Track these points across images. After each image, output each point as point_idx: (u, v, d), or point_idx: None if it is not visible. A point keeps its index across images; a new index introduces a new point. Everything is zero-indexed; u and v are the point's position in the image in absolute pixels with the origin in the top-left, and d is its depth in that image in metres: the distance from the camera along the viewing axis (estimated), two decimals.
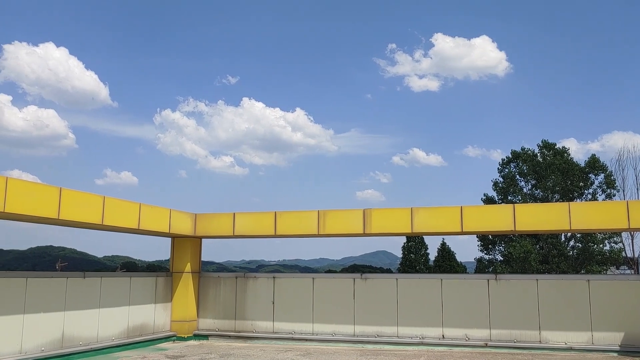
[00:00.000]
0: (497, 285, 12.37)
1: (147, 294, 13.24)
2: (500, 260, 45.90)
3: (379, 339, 12.76)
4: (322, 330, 13.22)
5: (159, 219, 12.46)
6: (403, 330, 12.71)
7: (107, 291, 11.99)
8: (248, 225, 13.40)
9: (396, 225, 12.44)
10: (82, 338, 11.21)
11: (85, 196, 10.38)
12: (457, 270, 48.74)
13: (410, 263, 51.14)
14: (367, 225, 12.48)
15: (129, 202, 11.56)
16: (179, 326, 13.92)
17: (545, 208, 12.16)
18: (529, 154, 47.38)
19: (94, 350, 11.36)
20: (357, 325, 13.02)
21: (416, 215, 12.23)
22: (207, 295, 14.36)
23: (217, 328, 14.05)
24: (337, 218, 12.78)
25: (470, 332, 12.29)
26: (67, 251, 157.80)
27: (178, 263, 14.19)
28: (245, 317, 13.88)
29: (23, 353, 9.85)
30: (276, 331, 13.55)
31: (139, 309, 12.89)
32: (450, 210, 12.08)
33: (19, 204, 8.88)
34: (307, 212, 12.98)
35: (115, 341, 12.00)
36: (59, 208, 9.64)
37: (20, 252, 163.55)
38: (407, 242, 52.09)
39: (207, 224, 13.76)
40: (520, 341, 11.97)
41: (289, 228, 13.08)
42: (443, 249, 50.97)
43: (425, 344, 12.45)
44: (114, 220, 11.00)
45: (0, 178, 8.66)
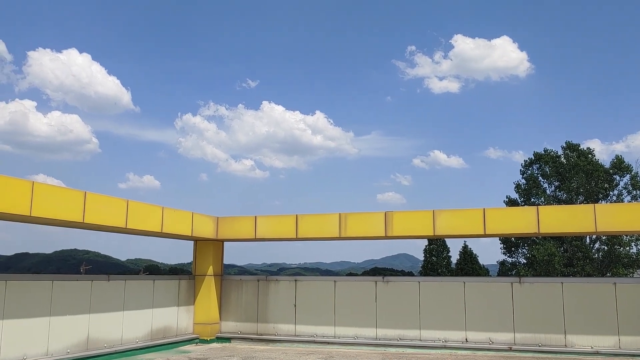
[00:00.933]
0: (521, 288, 12.23)
1: (170, 297, 13.35)
2: (524, 263, 45.41)
3: (401, 342, 12.69)
4: (344, 333, 13.19)
5: (182, 222, 12.56)
6: (426, 334, 12.63)
7: (131, 294, 12.12)
8: (269, 228, 13.44)
9: (418, 228, 12.37)
10: (106, 340, 11.34)
11: (109, 200, 10.51)
12: (480, 273, 48.28)
13: (432, 266, 50.83)
14: (389, 228, 12.43)
15: (152, 205, 11.67)
16: (201, 329, 14.01)
17: (570, 210, 11.99)
18: (552, 155, 46.85)
19: (118, 352, 11.48)
20: (379, 329, 12.97)
21: (438, 217, 12.15)
22: (230, 298, 14.43)
23: (239, 331, 14.11)
24: (358, 221, 12.76)
25: (494, 336, 12.16)
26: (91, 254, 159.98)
27: (200, 266, 14.29)
28: (267, 320, 13.91)
29: (49, 355, 10.00)
30: (298, 334, 13.55)
31: (162, 311, 13.00)
32: (473, 212, 11.98)
33: (44, 208, 9.01)
34: (329, 215, 12.98)
35: (139, 343, 12.12)
36: (83, 212, 9.77)
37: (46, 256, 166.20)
38: (429, 244, 51.80)
39: (229, 227, 13.83)
40: (545, 345, 11.81)
41: (310, 231, 13.10)
42: (465, 251, 50.56)
43: (448, 347, 12.35)
44: (137, 224, 11.11)
45: (26, 183, 8.81)
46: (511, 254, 47.33)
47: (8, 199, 8.40)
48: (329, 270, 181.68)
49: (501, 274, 45.53)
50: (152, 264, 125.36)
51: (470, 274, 47.27)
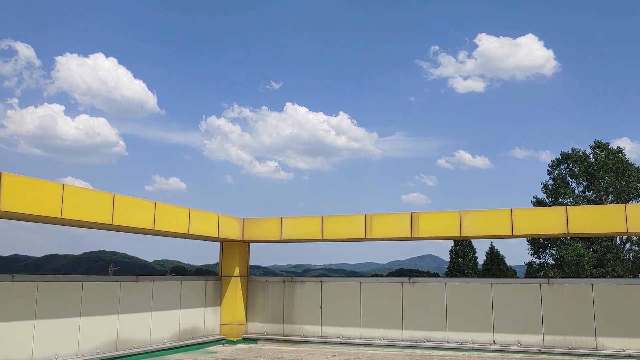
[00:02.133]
0: (550, 289, 12.05)
1: (197, 298, 13.47)
2: (552, 264, 44.76)
3: (428, 344, 12.60)
4: (370, 334, 13.15)
5: (208, 224, 12.66)
6: (452, 335, 12.52)
7: (159, 295, 12.26)
8: (295, 229, 13.47)
9: (444, 229, 12.28)
10: (135, 340, 11.48)
11: (137, 202, 10.64)
12: (507, 274, 47.75)
13: (458, 267, 50.44)
14: (415, 228, 12.36)
15: (179, 207, 11.79)
16: (228, 330, 14.10)
17: (600, 210, 11.77)
18: (580, 154, 46.11)
19: (147, 352, 11.62)
20: (405, 330, 12.90)
21: (465, 218, 12.05)
22: (256, 299, 14.50)
23: (265, 332, 14.16)
24: (384, 222, 12.71)
25: (523, 338, 12.00)
26: (119, 256, 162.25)
27: (227, 267, 14.38)
28: (293, 321, 13.94)
29: (80, 355, 10.16)
30: (324, 335, 13.55)
31: (189, 312, 13.12)
32: (500, 213, 11.85)
33: (74, 210, 9.17)
34: (354, 216, 12.96)
35: (167, 344, 12.25)
36: (112, 214, 9.91)
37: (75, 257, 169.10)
38: (455, 245, 51.42)
39: (254, 228, 13.90)
40: (575, 347, 11.61)
41: (335, 232, 13.09)
42: (492, 252, 50.09)
43: (475, 349, 12.23)
44: (165, 226, 11.23)
45: (57, 185, 8.97)
46: (539, 255, 46.69)
47: (40, 202, 8.56)
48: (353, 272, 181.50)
49: (529, 275, 44.93)
50: (178, 265, 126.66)
51: (497, 275, 46.78)
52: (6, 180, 8.04)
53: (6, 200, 8.02)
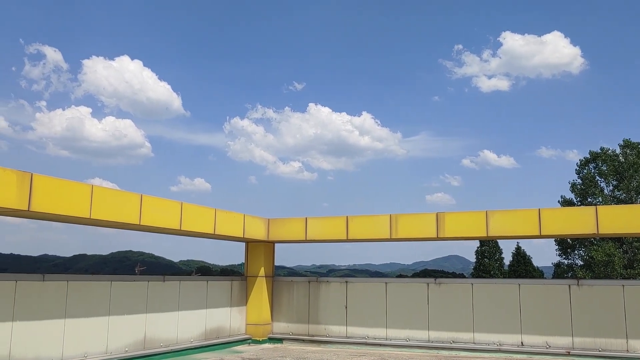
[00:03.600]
0: (579, 290, 11.85)
1: (223, 298, 13.56)
2: (580, 265, 44.05)
3: (454, 345, 12.50)
4: (395, 335, 13.09)
5: (234, 224, 12.74)
6: (479, 337, 12.39)
7: (186, 294, 12.37)
8: (320, 229, 13.48)
9: (470, 229, 12.16)
10: (162, 340, 11.61)
11: (164, 202, 10.75)
12: (534, 275, 47.16)
13: (484, 268, 49.91)
14: (441, 229, 12.27)
15: (205, 207, 11.88)
16: (254, 329, 14.17)
17: (631, 210, 11.52)
18: (609, 154, 45.27)
19: (174, 351, 11.74)
20: (431, 331, 12.81)
21: (491, 218, 11.92)
22: (281, 299, 14.55)
23: (290, 332, 14.20)
24: (409, 222, 12.64)
25: (551, 340, 11.82)
26: (145, 256, 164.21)
27: (252, 267, 14.46)
28: (318, 322, 13.95)
29: (108, 353, 10.30)
30: (349, 336, 13.53)
31: (215, 312, 13.22)
32: (528, 212, 11.69)
33: (103, 211, 9.30)
34: (379, 216, 12.92)
35: (193, 343, 12.35)
36: (140, 214, 10.03)
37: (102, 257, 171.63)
38: (481, 246, 50.91)
39: (279, 228, 13.94)
40: (605, 350, 11.40)
41: (360, 232, 13.06)
42: (518, 253, 49.49)
43: (503, 350, 12.09)
44: (191, 226, 11.33)
45: (86, 186, 9.11)
46: (567, 256, 45.98)
47: (69, 202, 8.71)
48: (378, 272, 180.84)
49: (557, 276, 44.29)
50: (203, 265, 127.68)
51: (524, 276, 46.19)
52: (37, 182, 8.19)
53: (37, 201, 8.17)
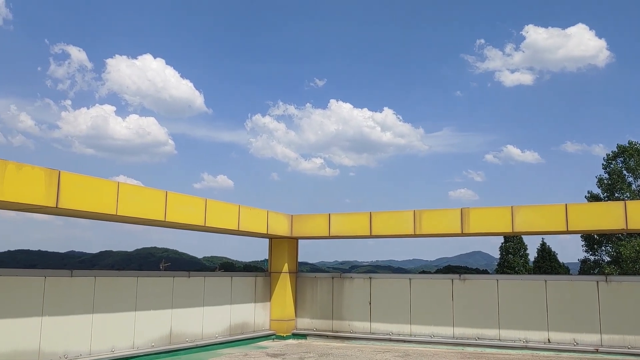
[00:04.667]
0: (607, 287, 11.65)
1: (247, 293, 13.63)
2: (608, 261, 43.33)
3: (480, 341, 12.39)
4: (420, 331, 13.02)
5: (257, 220, 12.78)
6: (505, 333, 12.27)
7: (210, 290, 12.46)
8: (343, 225, 13.45)
9: (495, 225, 12.04)
10: (188, 335, 11.71)
11: (189, 199, 10.83)
12: (560, 271, 46.46)
13: (508, 264, 49.30)
14: (465, 225, 12.16)
15: (229, 204, 11.94)
16: (277, 325, 14.22)
17: None
18: (637, 147, 44.39)
19: (199, 346, 11.83)
20: (456, 327, 12.72)
21: (517, 214, 11.77)
22: (305, 295, 14.57)
23: (314, 328, 14.22)
24: (433, 218, 12.55)
25: (579, 337, 11.65)
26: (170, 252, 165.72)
27: (276, 263, 14.50)
28: (342, 318, 13.94)
29: (135, 348, 10.43)
30: (373, 332, 13.50)
31: (239, 307, 13.29)
32: (554, 208, 11.53)
33: (129, 208, 9.40)
34: (403, 212, 12.85)
35: (218, 338, 12.45)
36: (165, 210, 10.12)
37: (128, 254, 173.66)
38: (505, 242, 50.29)
39: (303, 224, 13.95)
40: (634, 347, 11.20)
41: (384, 228, 13.01)
42: (543, 249, 48.78)
43: (529, 347, 11.95)
44: (215, 222, 11.40)
45: (112, 183, 9.21)
46: (594, 252, 45.26)
47: (96, 199, 8.82)
48: (401, 268, 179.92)
49: (583, 273, 43.62)
50: (227, 261, 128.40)
51: (550, 272, 45.58)
52: (64, 179, 8.31)
53: (65, 198, 8.29)
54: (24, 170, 7.78)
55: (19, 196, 7.70)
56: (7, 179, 7.53)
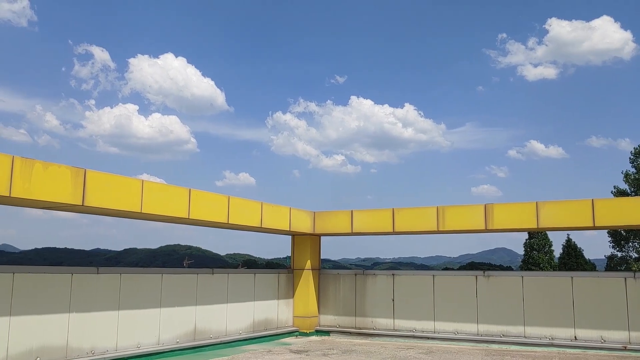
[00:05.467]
0: (635, 284, 11.44)
1: (270, 290, 13.68)
2: (635, 257, 42.61)
3: (505, 338, 12.27)
4: (443, 328, 12.95)
5: (280, 217, 12.82)
6: (530, 330, 12.13)
7: (234, 287, 12.53)
8: (366, 222, 13.42)
9: (520, 221, 11.90)
10: (212, 331, 11.80)
11: (212, 196, 10.90)
12: (585, 268, 45.85)
13: (533, 260, 48.76)
14: (489, 220, 12.05)
15: (251, 201, 11.99)
16: (301, 322, 14.25)
17: None
18: None
19: (223, 343, 11.92)
20: (480, 324, 12.61)
21: (542, 209, 11.62)
22: (327, 292, 14.58)
23: (337, 324, 14.22)
24: (456, 214, 12.46)
25: (606, 334, 11.47)
26: (193, 249, 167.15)
27: (298, 260, 14.53)
28: (365, 314, 13.92)
29: (161, 344, 10.54)
30: (397, 329, 13.46)
31: (263, 304, 13.35)
32: (580, 203, 11.35)
33: (153, 205, 9.49)
34: (426, 209, 12.77)
35: (242, 335, 12.52)
36: (189, 208, 10.19)
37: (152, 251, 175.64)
38: (529, 238, 49.75)
39: (325, 221, 13.95)
40: None
41: (407, 225, 12.94)
42: (569, 245, 48.18)
43: (555, 345, 11.80)
44: (238, 219, 11.46)
45: (136, 181, 9.31)
46: (620, 248, 44.55)
47: (121, 197, 8.92)
48: (423, 265, 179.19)
49: (609, 269, 42.98)
50: (249, 258, 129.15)
51: (575, 268, 44.98)
52: (90, 177, 8.42)
53: (91, 196, 8.40)
54: (51, 169, 7.90)
55: (46, 195, 7.82)
56: (34, 177, 7.65)
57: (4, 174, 7.30)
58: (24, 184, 7.52)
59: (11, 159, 7.40)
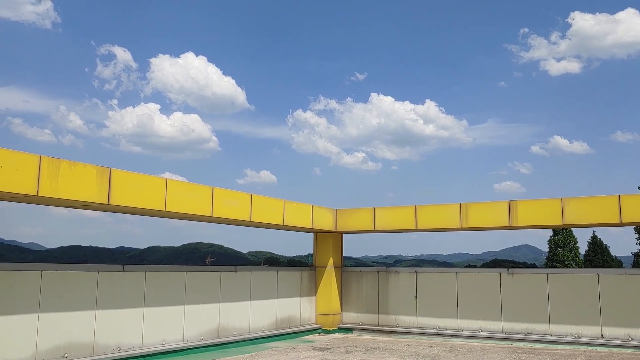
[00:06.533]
0: None
1: (292, 288, 13.72)
2: None
3: (529, 336, 12.15)
4: (467, 326, 12.86)
5: (302, 215, 12.84)
6: (556, 328, 11.99)
7: (257, 284, 12.60)
8: (388, 219, 13.38)
9: (545, 218, 11.76)
10: (235, 328, 11.88)
11: (234, 194, 10.96)
12: (612, 265, 45.15)
13: (557, 257, 48.15)
14: (513, 217, 11.93)
15: (274, 199, 12.03)
16: (323, 319, 14.27)
17: None
18: None
19: (247, 340, 11.99)
20: (504, 322, 12.50)
21: (567, 206, 11.47)
22: (350, 289, 14.57)
23: (360, 322, 14.21)
24: (480, 211, 12.36)
25: (634, 332, 11.28)
26: (215, 247, 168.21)
27: (321, 258, 14.55)
28: (388, 312, 13.89)
29: (185, 341, 10.65)
30: (420, 326, 13.40)
31: (285, 301, 13.40)
32: (607, 199, 11.18)
33: (177, 203, 9.58)
34: (449, 206, 12.69)
35: (265, 332, 12.58)
36: (212, 206, 10.27)
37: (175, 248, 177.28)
38: (554, 235, 49.13)
39: (347, 219, 13.95)
40: None
41: (429, 222, 12.88)
42: (594, 242, 47.49)
43: (581, 343, 11.65)
44: (261, 217, 11.51)
45: (160, 180, 9.40)
46: None
47: (146, 195, 9.02)
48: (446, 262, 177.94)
49: (637, 266, 42.26)
50: (271, 256, 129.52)
51: (601, 265, 44.33)
52: (115, 176, 8.53)
53: (116, 194, 8.51)
54: (77, 169, 8.02)
55: (73, 193, 7.94)
56: (61, 177, 7.78)
57: (32, 173, 7.43)
58: (51, 183, 7.65)
59: (39, 159, 7.53)
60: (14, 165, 7.23)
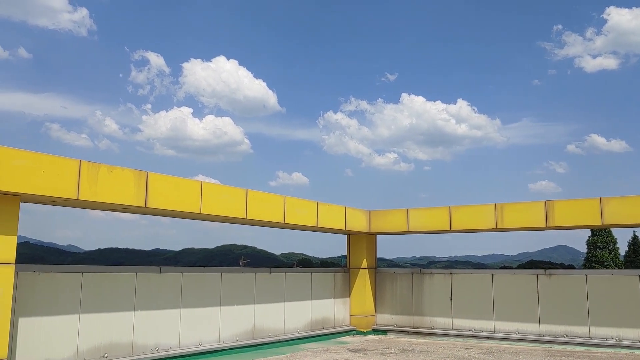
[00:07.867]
0: None
1: (326, 289, 13.75)
2: None
3: (568, 339, 11.91)
4: (504, 328, 12.69)
5: (336, 217, 12.86)
6: (595, 331, 11.74)
7: (291, 286, 12.66)
8: (422, 220, 13.30)
9: (583, 218, 11.53)
10: (270, 329, 11.96)
11: (268, 196, 11.04)
12: None
13: (596, 259, 47.04)
14: (550, 218, 11.72)
15: (307, 201, 12.07)
16: (357, 321, 14.26)
17: None
18: None
19: (282, 341, 12.06)
20: (542, 324, 12.29)
21: (606, 205, 11.22)
22: (384, 290, 14.52)
23: (394, 323, 14.15)
24: (515, 211, 12.18)
25: None
26: (249, 249, 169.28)
27: (354, 259, 14.54)
28: (422, 313, 13.80)
29: (221, 342, 10.76)
30: (455, 328, 13.28)
31: (319, 303, 13.43)
32: None
33: (212, 206, 9.70)
34: (483, 206, 12.55)
35: (300, 333, 12.63)
36: (246, 208, 10.36)
37: (209, 251, 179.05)
38: (592, 235, 48.00)
39: (381, 220, 13.91)
40: None
41: (464, 223, 12.75)
42: (635, 243, 46.28)
43: (622, 346, 11.37)
44: (294, 219, 11.56)
45: (196, 183, 9.54)
46: None
47: (181, 198, 9.16)
48: (480, 264, 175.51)
49: None
50: (304, 258, 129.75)
51: None
52: (152, 180, 8.69)
53: (153, 198, 8.66)
54: (115, 173, 8.20)
55: (111, 197, 8.12)
56: (100, 180, 7.96)
57: (72, 178, 7.62)
58: (91, 187, 7.83)
59: (78, 164, 7.72)
60: (55, 170, 7.43)
